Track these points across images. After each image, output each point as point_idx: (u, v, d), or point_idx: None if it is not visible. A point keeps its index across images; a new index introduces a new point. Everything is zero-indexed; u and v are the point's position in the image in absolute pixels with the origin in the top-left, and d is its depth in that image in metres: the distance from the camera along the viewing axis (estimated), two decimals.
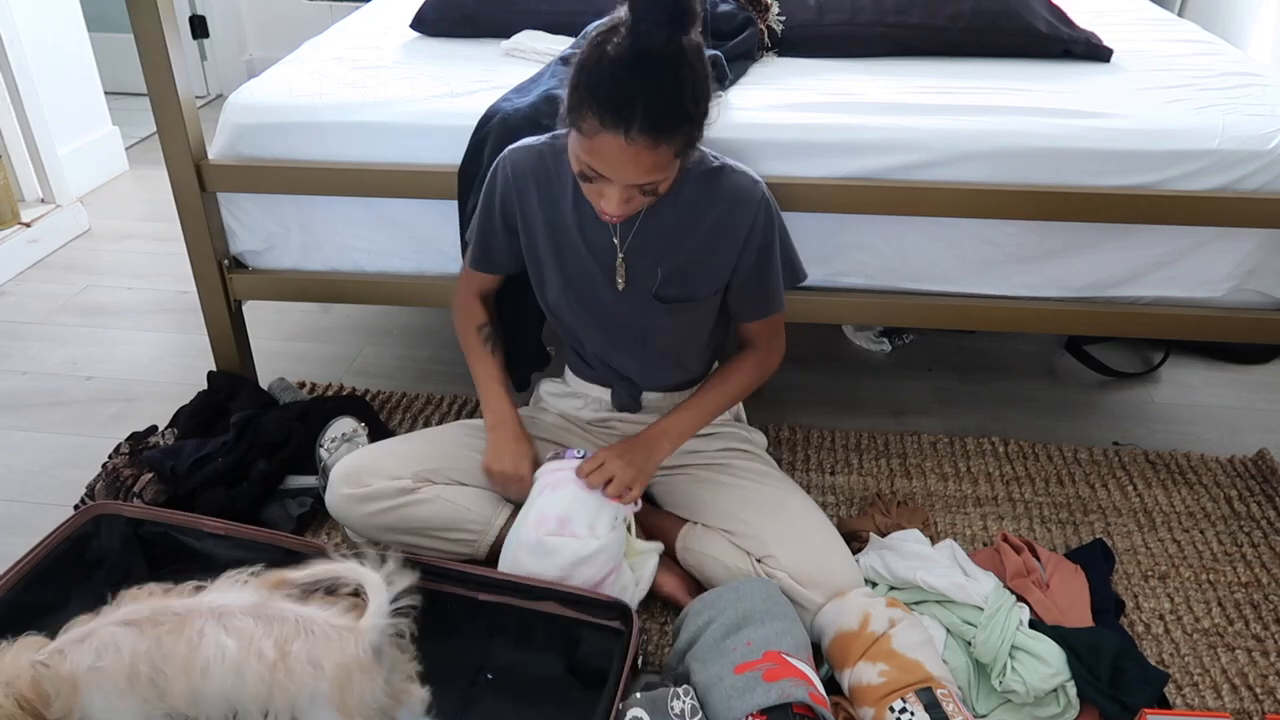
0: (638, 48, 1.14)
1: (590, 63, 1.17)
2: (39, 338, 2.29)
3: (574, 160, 1.25)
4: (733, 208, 1.37)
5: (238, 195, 1.77)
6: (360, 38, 2.16)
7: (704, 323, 1.49)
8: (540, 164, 1.41)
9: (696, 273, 1.42)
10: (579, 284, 1.44)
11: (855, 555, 1.47)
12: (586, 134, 1.18)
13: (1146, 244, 1.65)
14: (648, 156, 1.18)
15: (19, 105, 2.68)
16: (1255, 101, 1.71)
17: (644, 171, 1.20)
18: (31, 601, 1.38)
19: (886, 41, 2.00)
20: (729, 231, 1.38)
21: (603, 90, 1.15)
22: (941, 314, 1.74)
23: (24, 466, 1.85)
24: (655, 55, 1.14)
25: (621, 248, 1.40)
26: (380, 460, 1.47)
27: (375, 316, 2.38)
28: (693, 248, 1.40)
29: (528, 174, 1.41)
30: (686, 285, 1.43)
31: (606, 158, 1.19)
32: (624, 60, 1.14)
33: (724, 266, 1.42)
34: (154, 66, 1.63)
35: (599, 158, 1.20)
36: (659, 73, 1.15)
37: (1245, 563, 1.63)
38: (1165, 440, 1.95)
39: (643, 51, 1.14)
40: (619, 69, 1.15)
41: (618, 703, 1.21)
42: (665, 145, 1.18)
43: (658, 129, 1.16)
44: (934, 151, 1.60)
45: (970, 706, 1.32)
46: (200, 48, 3.94)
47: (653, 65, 1.15)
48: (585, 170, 1.23)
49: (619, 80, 1.14)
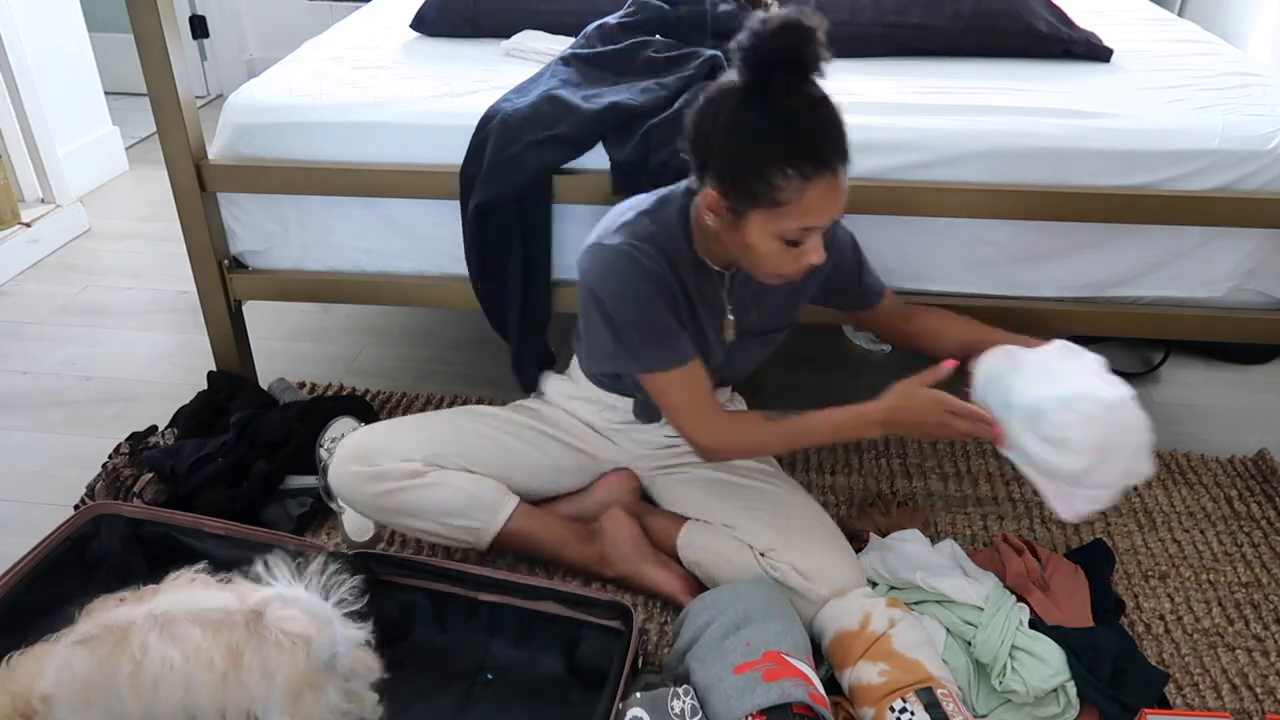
0: (798, 96, 1.15)
1: (750, 142, 1.16)
2: (39, 338, 2.29)
3: (767, 240, 1.22)
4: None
5: (238, 195, 1.77)
6: (360, 38, 2.17)
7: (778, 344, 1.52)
8: (661, 253, 1.31)
9: (791, 303, 1.46)
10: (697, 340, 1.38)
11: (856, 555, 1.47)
12: (788, 200, 1.17)
13: (1146, 244, 1.65)
14: (845, 180, 1.21)
15: (19, 105, 2.68)
16: (1255, 101, 1.71)
17: (845, 197, 1.22)
18: (31, 601, 1.38)
19: (886, 41, 2.00)
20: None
21: (794, 149, 1.15)
22: None
23: (24, 466, 1.85)
24: (812, 93, 1.17)
25: (732, 306, 1.40)
26: (391, 441, 1.46)
27: (375, 316, 2.38)
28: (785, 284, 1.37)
29: (662, 262, 1.31)
30: (778, 317, 1.46)
31: (824, 205, 1.19)
32: (792, 113, 1.15)
33: (808, 288, 1.46)
34: (154, 66, 1.63)
35: (815, 211, 1.19)
36: (823, 105, 1.17)
37: (1245, 563, 1.63)
38: (1165, 440, 1.95)
39: (803, 95, 1.16)
40: (793, 124, 1.15)
41: (618, 703, 1.21)
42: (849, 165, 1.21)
43: (848, 152, 1.19)
44: (934, 151, 1.60)
45: (970, 706, 1.32)
46: (200, 48, 3.94)
47: (814, 102, 1.17)
48: (795, 236, 1.22)
49: (801, 132, 1.16)
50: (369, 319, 2.37)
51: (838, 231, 1.45)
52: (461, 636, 1.42)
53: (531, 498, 1.53)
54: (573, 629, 1.39)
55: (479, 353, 2.22)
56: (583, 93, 1.68)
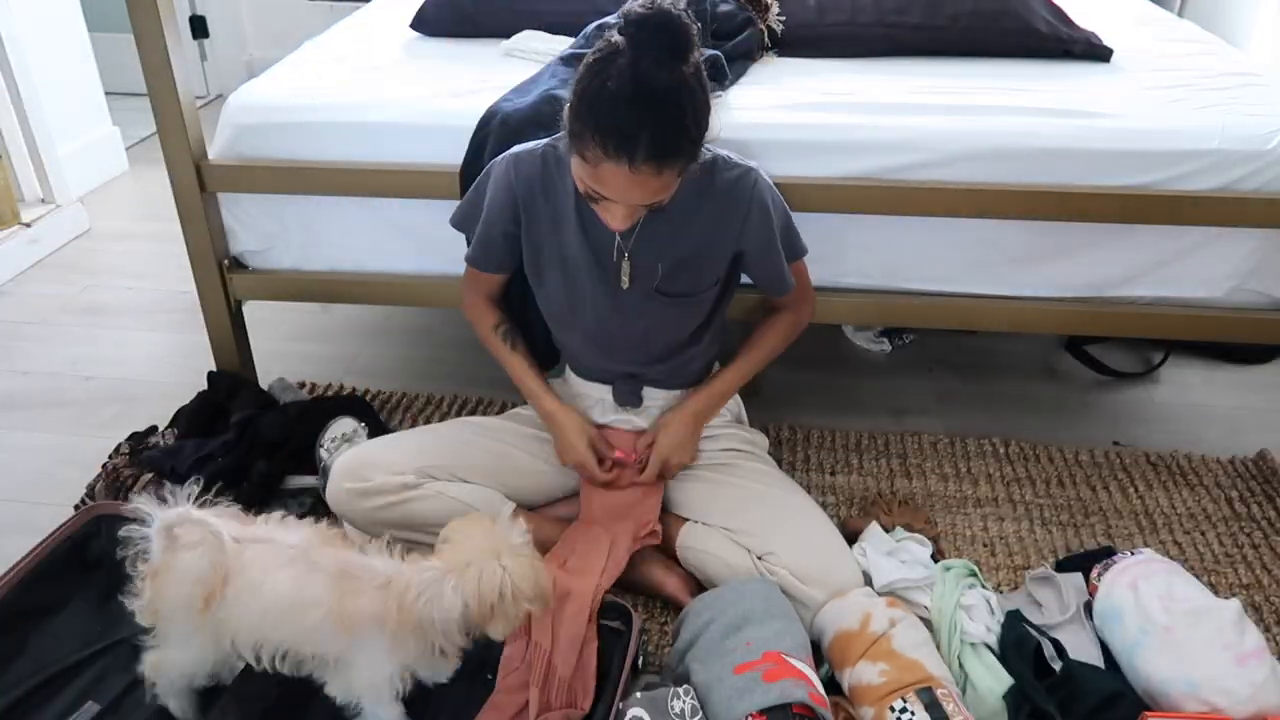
0: (639, 81, 1.14)
1: (590, 92, 1.18)
2: (39, 338, 2.29)
3: (578, 180, 1.26)
4: (727, 199, 1.38)
5: (238, 195, 1.77)
6: (360, 38, 2.17)
7: (704, 317, 1.49)
8: (545, 168, 1.41)
9: (697, 266, 1.43)
10: (581, 284, 1.44)
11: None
12: (591, 162, 1.19)
13: (1146, 244, 1.65)
14: (653, 182, 1.20)
15: (19, 105, 2.68)
16: (1255, 101, 1.71)
17: (649, 194, 1.23)
18: (31, 601, 1.38)
19: (886, 41, 2.00)
20: (725, 222, 1.40)
21: (605, 121, 1.16)
22: (941, 314, 1.74)
23: (24, 466, 1.85)
24: (657, 88, 1.15)
25: (627, 247, 1.40)
26: (383, 455, 1.47)
27: (375, 316, 2.38)
28: (692, 242, 1.40)
29: (533, 178, 1.41)
30: (688, 278, 1.44)
31: (611, 184, 1.21)
32: (625, 93, 1.15)
33: (723, 256, 1.43)
34: (154, 66, 1.63)
35: (603, 184, 1.21)
36: (661, 104, 1.16)
37: (1246, 564, 1.63)
38: (1165, 440, 1.95)
39: (644, 84, 1.15)
40: (620, 102, 1.15)
41: (618, 703, 1.21)
42: (669, 170, 1.20)
43: (662, 158, 1.18)
44: (934, 151, 1.60)
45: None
46: (200, 48, 3.94)
47: (654, 98, 1.16)
48: (590, 192, 1.25)
49: (621, 113, 1.15)
50: (369, 319, 2.37)
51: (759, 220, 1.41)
52: None
53: (529, 503, 1.53)
54: None
55: (479, 353, 2.19)
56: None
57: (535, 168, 1.41)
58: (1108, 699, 1.27)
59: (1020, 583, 1.56)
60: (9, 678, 1.31)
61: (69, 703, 1.30)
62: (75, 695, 1.31)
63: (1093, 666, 1.35)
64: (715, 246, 1.42)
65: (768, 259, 1.46)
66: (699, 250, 1.42)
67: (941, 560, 1.49)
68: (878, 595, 1.40)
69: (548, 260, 1.46)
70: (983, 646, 1.34)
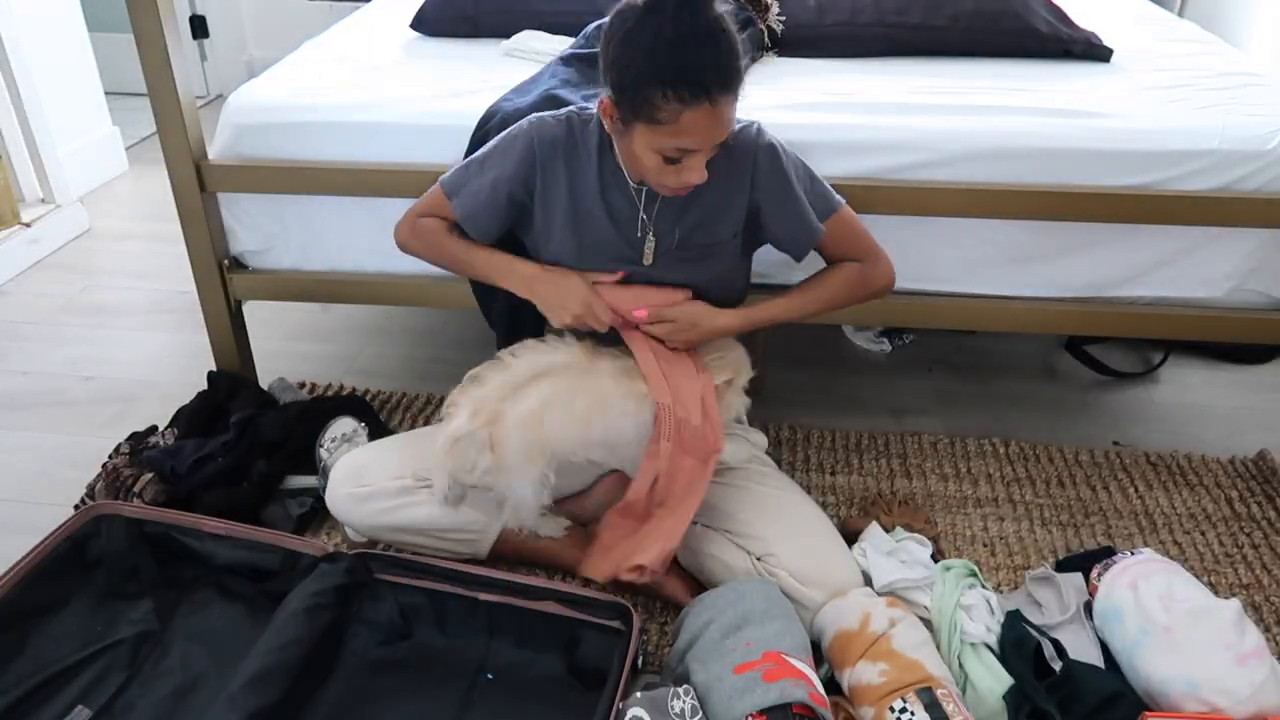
0: (690, 18, 1.18)
1: (640, 58, 1.19)
2: (39, 338, 2.29)
3: (648, 154, 1.26)
4: (733, 151, 1.36)
5: (238, 195, 1.77)
6: (360, 38, 2.17)
7: (724, 278, 1.47)
8: (569, 136, 1.40)
9: (712, 221, 1.42)
10: (596, 255, 1.42)
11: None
12: (667, 120, 1.21)
13: (1146, 244, 1.65)
14: (728, 112, 1.24)
15: (19, 105, 2.68)
16: (1255, 101, 1.71)
17: (726, 128, 1.25)
18: (31, 601, 1.38)
19: (886, 41, 2.00)
20: (736, 171, 1.38)
21: (671, 72, 1.18)
22: (941, 314, 1.74)
23: (24, 466, 1.85)
24: (704, 21, 1.18)
25: (650, 217, 1.40)
26: (382, 459, 1.47)
27: (375, 316, 2.38)
28: (707, 200, 1.39)
29: (557, 146, 1.39)
30: (704, 234, 1.42)
31: (698, 131, 1.22)
32: (682, 36, 1.18)
33: (738, 206, 1.41)
34: (154, 66, 1.63)
35: (690, 135, 1.22)
36: (714, 36, 1.19)
37: (1246, 564, 1.63)
38: (1165, 440, 1.95)
39: (695, 22, 1.18)
40: (680, 48, 1.18)
41: (618, 703, 1.21)
42: (734, 96, 1.23)
43: (731, 84, 1.21)
44: (934, 151, 1.60)
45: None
46: (200, 48, 3.94)
47: (709, 31, 1.19)
48: (672, 154, 1.25)
49: (687, 56, 1.18)
50: (369, 319, 2.37)
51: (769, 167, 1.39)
52: (461, 636, 1.42)
53: None
54: (573, 629, 1.39)
55: (479, 353, 2.19)
56: (582, 93, 1.68)
57: (558, 133, 1.39)
58: (1108, 699, 1.27)
59: (1020, 583, 1.56)
60: (8, 677, 1.31)
61: (68, 703, 1.30)
62: (74, 695, 1.31)
63: (1093, 666, 1.35)
64: (730, 198, 1.40)
65: (788, 206, 1.40)
66: (714, 206, 1.41)
67: (941, 560, 1.49)
68: (878, 595, 1.40)
69: (558, 230, 1.42)
70: (983, 646, 1.34)
